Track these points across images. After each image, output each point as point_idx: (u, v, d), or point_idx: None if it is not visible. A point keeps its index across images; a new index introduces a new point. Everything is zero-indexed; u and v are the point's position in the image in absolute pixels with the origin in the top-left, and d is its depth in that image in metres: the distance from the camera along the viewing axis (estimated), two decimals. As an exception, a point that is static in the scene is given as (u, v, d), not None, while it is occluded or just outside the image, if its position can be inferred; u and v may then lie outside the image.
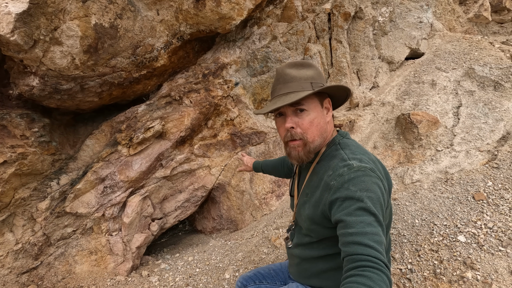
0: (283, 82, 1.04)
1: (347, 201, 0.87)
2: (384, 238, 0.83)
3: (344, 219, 0.85)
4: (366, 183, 0.88)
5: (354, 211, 0.85)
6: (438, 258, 1.53)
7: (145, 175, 2.77)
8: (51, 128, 2.36)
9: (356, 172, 0.91)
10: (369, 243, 0.79)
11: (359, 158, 0.96)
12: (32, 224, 2.29)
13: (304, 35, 3.20)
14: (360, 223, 0.82)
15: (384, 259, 0.78)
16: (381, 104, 3.25)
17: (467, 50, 3.39)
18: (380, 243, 0.80)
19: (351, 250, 0.80)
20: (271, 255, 2.22)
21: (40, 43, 1.85)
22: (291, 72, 1.04)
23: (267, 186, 3.15)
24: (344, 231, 0.84)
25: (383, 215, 0.89)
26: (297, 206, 1.15)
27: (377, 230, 0.82)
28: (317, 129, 1.02)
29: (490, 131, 2.34)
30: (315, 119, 1.01)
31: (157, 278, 2.44)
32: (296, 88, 1.01)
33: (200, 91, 3.00)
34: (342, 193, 0.89)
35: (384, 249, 0.82)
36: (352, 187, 0.88)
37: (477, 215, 1.70)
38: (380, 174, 0.96)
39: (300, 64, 1.06)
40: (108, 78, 2.34)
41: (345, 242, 0.83)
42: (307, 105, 1.01)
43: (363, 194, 0.86)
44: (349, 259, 0.81)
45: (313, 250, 1.09)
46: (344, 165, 0.95)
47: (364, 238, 0.80)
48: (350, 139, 1.10)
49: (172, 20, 2.53)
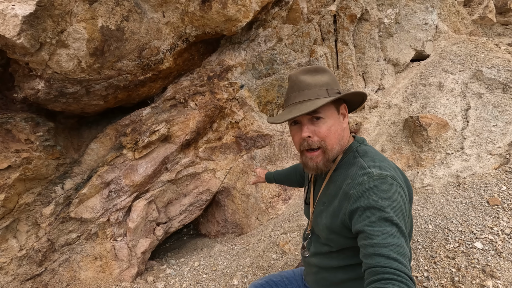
0: (298, 90, 1.01)
1: (368, 210, 0.84)
2: (407, 250, 0.80)
3: (365, 230, 0.82)
4: (388, 192, 0.85)
5: (375, 221, 0.82)
6: (455, 266, 1.49)
7: (150, 179, 2.73)
8: (56, 132, 2.32)
9: (377, 181, 0.88)
10: (392, 255, 0.76)
11: (379, 166, 0.93)
12: (36, 230, 2.25)
13: (310, 37, 3.18)
14: (382, 234, 0.79)
15: (408, 272, 0.75)
16: (387, 106, 3.22)
17: (473, 52, 3.37)
18: (404, 255, 0.77)
19: (373, 262, 0.77)
20: (280, 260, 2.18)
21: (46, 46, 1.81)
22: (305, 79, 1.01)
23: (273, 190, 3.11)
24: (366, 242, 0.81)
25: (406, 225, 0.86)
26: (314, 214, 1.12)
27: (400, 241, 0.79)
28: (335, 137, 0.99)
29: (501, 134, 2.32)
30: (332, 127, 0.98)
31: (163, 284, 2.40)
32: (311, 95, 0.98)
33: (205, 93, 2.97)
34: (362, 203, 0.86)
35: (408, 261, 0.78)
36: (373, 196, 0.85)
37: (493, 220, 1.67)
38: (401, 182, 0.92)
39: (314, 70, 1.03)
40: (113, 81, 2.30)
41: (366, 253, 0.80)
42: (323, 113, 0.98)
43: (385, 203, 0.83)
44: (371, 271, 0.77)
45: (332, 260, 1.06)
46: (364, 173, 0.92)
47: (387, 249, 0.77)
48: (368, 146, 1.07)
49: (178, 22, 2.50)
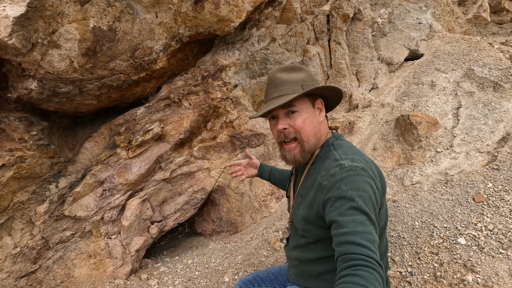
0: (274, 86, 1.07)
1: (339, 200, 0.88)
2: (376, 236, 0.84)
3: (336, 219, 0.86)
4: (358, 182, 0.89)
5: (346, 211, 0.86)
6: (438, 261, 1.52)
7: (144, 178, 2.76)
8: (50, 131, 2.36)
9: (347, 172, 0.92)
10: (361, 242, 0.80)
11: (351, 158, 0.97)
12: (30, 228, 2.29)
13: (303, 37, 3.20)
14: (352, 223, 0.83)
15: (376, 257, 0.79)
16: (380, 105, 3.25)
17: (466, 51, 3.39)
18: (373, 241, 0.81)
19: (344, 249, 0.81)
20: (271, 257, 2.21)
21: (38, 46, 1.85)
22: (281, 76, 1.07)
23: (267, 188, 3.14)
24: (337, 231, 0.85)
25: (376, 214, 0.90)
26: (293, 207, 1.16)
27: (369, 229, 0.83)
28: (310, 128, 1.05)
29: (490, 132, 2.34)
30: (307, 119, 1.04)
31: (156, 281, 2.43)
32: (286, 91, 1.04)
33: (199, 93, 3.00)
34: (334, 193, 0.90)
35: (377, 247, 0.82)
36: (343, 186, 0.89)
37: (478, 217, 1.69)
38: (372, 173, 0.96)
39: (290, 68, 1.09)
40: (106, 81, 2.34)
41: (338, 242, 0.84)
42: (298, 107, 1.04)
43: (354, 193, 0.87)
44: (342, 258, 0.82)
45: (310, 252, 1.10)
46: (336, 165, 0.96)
47: (356, 237, 0.81)
48: (344, 140, 1.12)
49: (171, 23, 2.53)
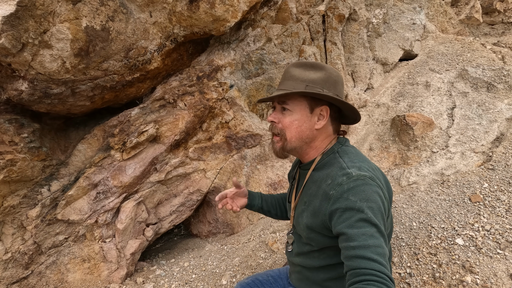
0: (283, 79, 1.06)
1: (347, 212, 0.86)
2: (386, 249, 0.82)
3: (345, 232, 0.84)
4: (366, 193, 0.87)
5: (355, 223, 0.83)
6: (437, 262, 1.52)
7: (139, 180, 2.71)
8: (41, 133, 2.30)
9: (355, 181, 0.89)
10: (372, 256, 0.78)
11: (358, 166, 0.95)
12: (22, 233, 2.23)
13: (299, 37, 3.19)
14: (362, 236, 0.81)
15: (387, 272, 0.77)
16: (376, 105, 3.26)
17: (459, 52, 3.43)
18: (383, 255, 0.79)
19: (354, 264, 0.79)
20: (269, 259, 2.19)
21: (28, 46, 1.79)
22: (293, 71, 1.04)
23: (264, 189, 3.12)
24: (346, 244, 0.83)
25: (385, 225, 0.88)
26: (295, 213, 1.14)
27: (379, 242, 0.81)
28: (296, 131, 1.02)
29: (484, 132, 2.36)
30: (295, 121, 1.01)
31: (152, 285, 2.40)
32: (288, 87, 1.01)
33: (195, 93, 2.97)
34: (341, 204, 0.88)
35: (387, 261, 0.80)
36: (352, 197, 0.87)
37: (474, 217, 1.70)
38: (380, 182, 0.94)
39: (310, 65, 1.04)
40: (100, 81, 2.29)
41: (348, 256, 0.82)
42: (291, 106, 1.02)
43: (363, 204, 0.85)
44: (352, 273, 0.80)
45: (314, 260, 1.08)
46: (343, 173, 0.93)
47: (367, 251, 0.79)
48: (349, 146, 1.09)
49: (166, 22, 2.49)
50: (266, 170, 3.22)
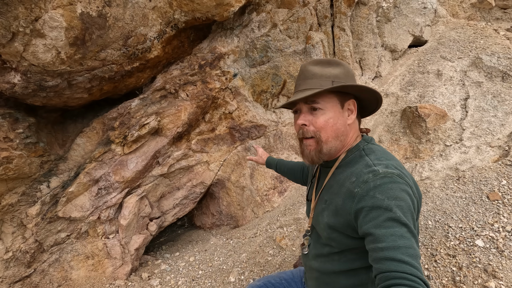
0: (303, 79, 0.99)
1: (374, 210, 0.79)
2: (418, 250, 0.76)
3: (373, 232, 0.77)
4: (394, 191, 0.80)
5: (383, 223, 0.77)
6: (456, 264, 1.48)
7: (141, 174, 2.62)
8: (38, 127, 2.18)
9: (382, 179, 0.83)
10: (403, 258, 0.72)
11: (385, 164, 0.88)
12: (22, 231, 2.15)
13: (306, 23, 3.03)
14: (391, 236, 0.75)
15: (420, 275, 0.70)
16: (384, 95, 3.15)
17: (472, 38, 3.29)
18: (415, 256, 0.73)
19: (384, 267, 0.73)
20: (278, 256, 2.15)
21: (19, 36, 1.64)
22: (313, 69, 0.98)
23: (269, 182, 3.05)
24: (374, 246, 0.76)
25: (415, 225, 0.82)
26: (314, 212, 1.08)
27: (410, 242, 0.74)
28: (332, 130, 0.96)
29: (500, 125, 2.28)
30: (330, 119, 0.95)
31: (158, 281, 2.36)
32: (314, 85, 0.95)
33: (197, 83, 2.83)
34: (368, 202, 0.81)
35: (420, 263, 0.74)
36: (378, 195, 0.80)
37: (493, 216, 1.65)
38: (409, 180, 0.87)
39: (326, 62, 1.00)
40: (98, 72, 2.15)
41: (376, 258, 0.76)
42: (323, 104, 0.95)
43: (392, 202, 0.78)
44: (382, 277, 0.73)
45: (333, 264, 1.01)
46: (369, 171, 0.87)
47: (397, 252, 0.72)
48: (376, 145, 1.02)
49: (166, 7, 2.32)
50: (271, 162, 3.14)
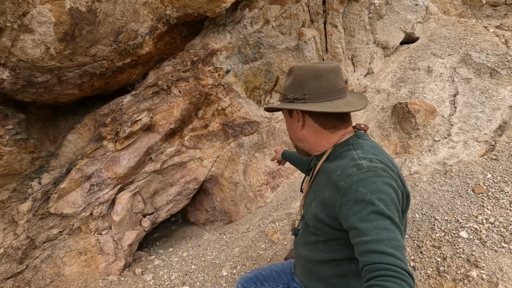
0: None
1: (357, 204, 0.82)
2: (403, 242, 0.78)
3: (357, 226, 0.79)
4: (377, 184, 0.82)
5: (366, 216, 0.79)
6: (441, 255, 1.52)
7: (134, 171, 2.63)
8: (28, 123, 2.17)
9: (366, 173, 0.85)
10: (386, 250, 0.74)
11: (369, 158, 0.90)
12: (14, 227, 2.15)
13: (298, 19, 3.04)
14: (374, 229, 0.77)
15: (405, 266, 0.73)
16: (376, 91, 3.18)
17: (462, 35, 3.33)
18: (399, 248, 0.75)
19: (368, 259, 0.75)
20: (269, 250, 2.18)
21: (7, 31, 1.63)
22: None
23: (262, 178, 3.08)
24: (359, 239, 0.79)
25: (400, 217, 0.83)
26: (305, 202, 1.13)
27: (394, 234, 0.76)
28: (293, 136, 1.11)
29: (487, 121, 2.32)
30: (289, 127, 1.12)
31: (151, 276, 2.38)
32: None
33: (189, 79, 2.83)
34: (351, 196, 0.83)
35: (404, 254, 0.76)
36: (361, 188, 0.82)
37: (478, 209, 1.69)
38: (393, 174, 0.89)
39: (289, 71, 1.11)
40: (88, 68, 2.14)
41: (361, 251, 0.78)
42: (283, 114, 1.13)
43: (374, 196, 0.80)
44: (367, 269, 0.75)
45: (319, 253, 1.05)
46: (354, 164, 0.89)
47: (381, 245, 0.74)
48: (367, 140, 1.04)
49: (157, 3, 2.31)
50: (264, 158, 3.16)
